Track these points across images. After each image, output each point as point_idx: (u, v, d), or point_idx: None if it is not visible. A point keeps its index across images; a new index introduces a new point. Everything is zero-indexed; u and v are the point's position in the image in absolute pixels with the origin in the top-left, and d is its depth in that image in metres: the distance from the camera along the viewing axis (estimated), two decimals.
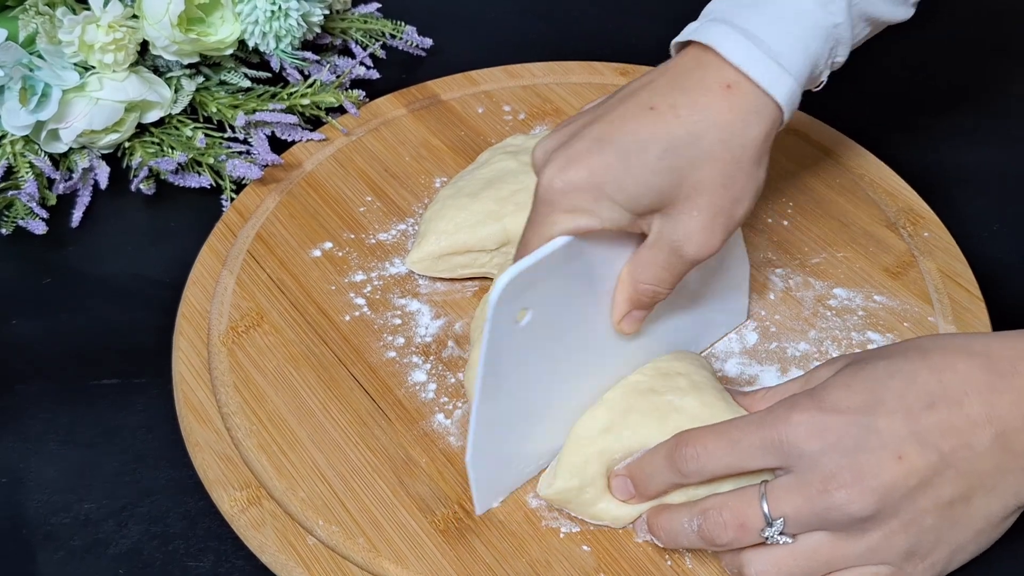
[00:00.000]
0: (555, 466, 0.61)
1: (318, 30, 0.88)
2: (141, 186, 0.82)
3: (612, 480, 0.60)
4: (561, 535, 0.61)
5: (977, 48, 0.97)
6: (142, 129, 0.83)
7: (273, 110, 0.83)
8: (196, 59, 0.83)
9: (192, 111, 0.85)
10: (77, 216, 0.80)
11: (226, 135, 0.84)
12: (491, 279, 0.74)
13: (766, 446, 0.55)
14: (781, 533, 0.55)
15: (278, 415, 0.67)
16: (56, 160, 0.82)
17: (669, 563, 0.60)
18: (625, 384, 0.63)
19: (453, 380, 0.68)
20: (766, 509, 0.55)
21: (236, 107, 0.83)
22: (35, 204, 0.78)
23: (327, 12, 0.88)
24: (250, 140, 0.83)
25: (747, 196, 0.58)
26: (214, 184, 0.81)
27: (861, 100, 0.91)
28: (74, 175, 0.81)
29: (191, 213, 0.81)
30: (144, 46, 0.82)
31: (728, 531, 0.56)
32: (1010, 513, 0.55)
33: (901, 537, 0.54)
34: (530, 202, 0.71)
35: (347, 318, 0.72)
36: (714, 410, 0.60)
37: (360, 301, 0.73)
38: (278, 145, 0.83)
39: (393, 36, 0.93)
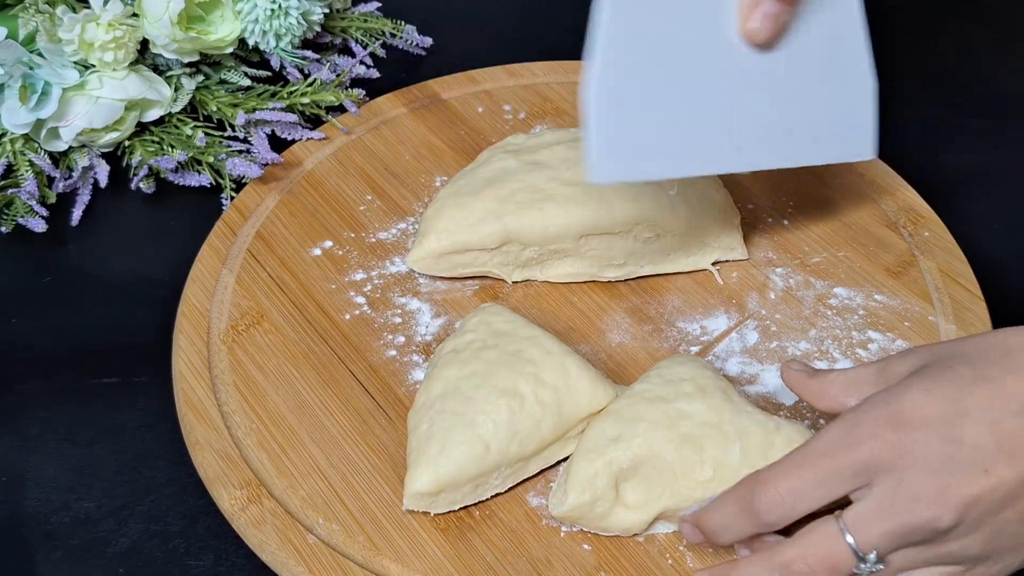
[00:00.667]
0: (564, 482, 0.61)
1: (318, 29, 0.88)
2: (141, 185, 0.82)
3: (680, 525, 0.58)
4: (562, 533, 0.61)
5: (978, 48, 0.97)
6: (142, 128, 0.83)
7: (273, 109, 0.83)
8: (196, 58, 0.83)
9: (192, 110, 0.85)
10: (77, 215, 0.80)
11: (226, 134, 0.83)
12: (491, 278, 0.74)
13: (856, 469, 0.52)
14: (876, 562, 0.52)
15: (278, 413, 0.67)
16: (56, 158, 0.82)
17: (670, 562, 0.60)
18: (632, 393, 0.62)
19: None
20: (852, 542, 0.52)
21: (236, 106, 0.83)
22: (35, 202, 0.78)
23: (327, 11, 0.88)
24: (250, 139, 0.83)
25: None
26: (214, 183, 0.81)
27: None
28: (74, 173, 0.81)
29: (191, 212, 0.81)
30: (144, 44, 0.82)
31: None
32: None
33: (979, 544, 0.52)
34: (530, 201, 0.72)
35: (347, 317, 0.72)
36: (721, 413, 0.60)
37: (360, 300, 0.73)
38: (278, 144, 0.83)
39: (393, 35, 0.93)
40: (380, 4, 0.93)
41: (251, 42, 0.85)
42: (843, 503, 0.53)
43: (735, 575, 0.55)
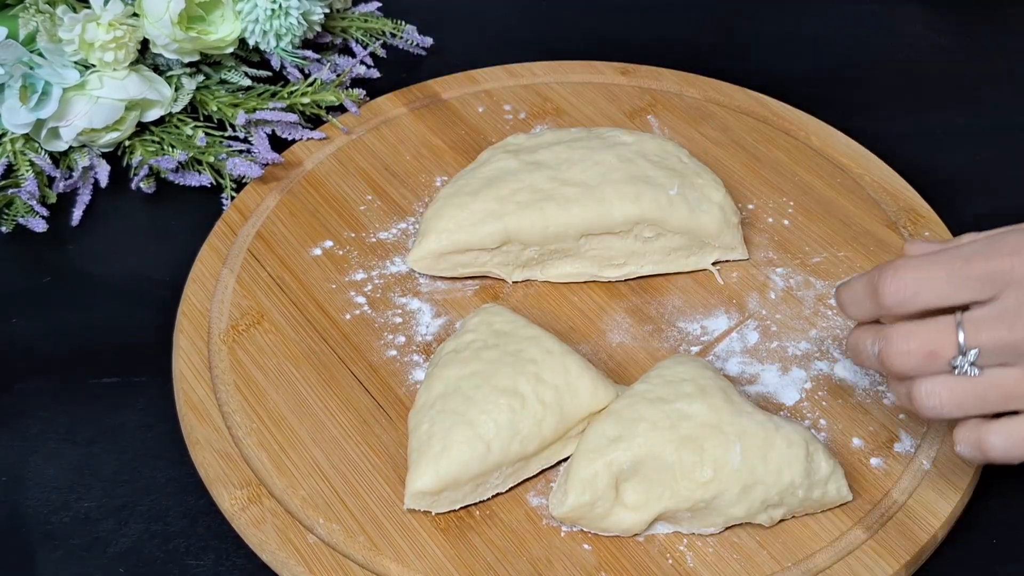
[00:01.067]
0: (564, 483, 0.61)
1: (318, 29, 0.88)
2: (141, 185, 0.82)
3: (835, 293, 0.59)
4: (562, 533, 0.61)
5: (978, 47, 0.97)
6: (142, 128, 0.83)
7: (273, 109, 0.83)
8: (196, 57, 0.83)
9: (192, 110, 0.85)
10: (77, 214, 0.80)
11: (226, 134, 0.83)
12: (491, 278, 0.74)
13: (989, 276, 0.53)
14: (972, 364, 0.53)
15: (278, 413, 0.67)
16: (56, 158, 0.82)
17: (670, 562, 0.60)
18: (632, 394, 0.62)
19: None
20: (961, 339, 0.53)
21: (236, 106, 0.83)
22: (35, 202, 0.78)
23: (327, 11, 0.88)
24: (250, 139, 0.83)
25: None
26: (214, 183, 0.81)
27: (862, 100, 0.91)
28: (74, 173, 0.81)
29: (191, 212, 0.81)
30: (144, 44, 0.82)
31: (912, 358, 0.54)
32: None
33: None
34: (530, 201, 0.72)
35: (348, 317, 0.72)
36: (721, 414, 0.60)
37: (361, 300, 0.73)
38: (278, 144, 0.83)
39: (393, 35, 0.93)
40: (380, 4, 0.93)
41: (251, 42, 0.85)
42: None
43: (854, 333, 0.58)
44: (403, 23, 0.93)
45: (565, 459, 0.63)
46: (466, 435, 0.61)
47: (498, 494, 0.62)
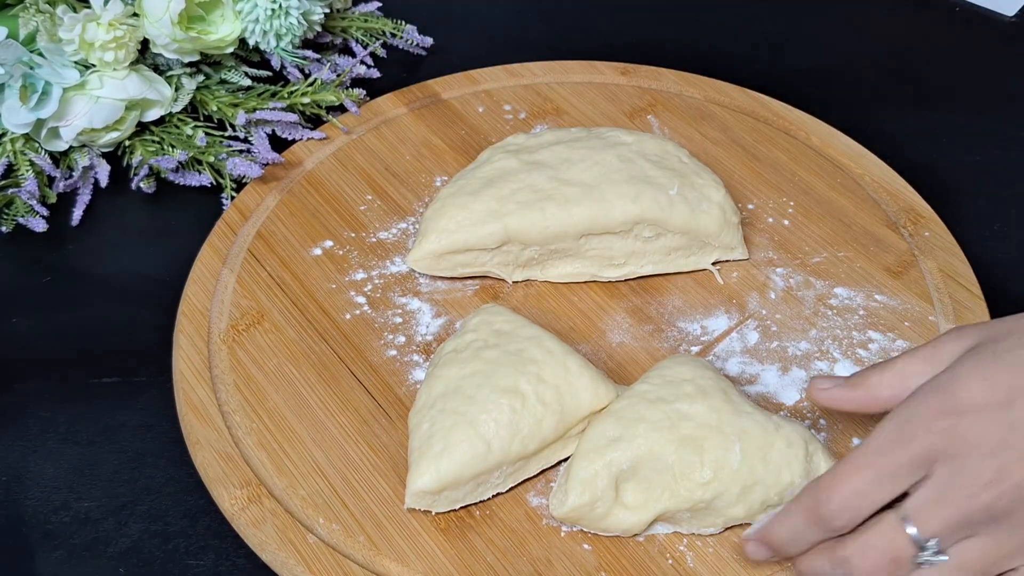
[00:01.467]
0: (564, 483, 0.61)
1: (319, 28, 0.88)
2: (141, 184, 0.82)
3: (745, 545, 0.58)
4: (562, 533, 0.61)
5: (978, 47, 0.97)
6: (142, 127, 0.83)
7: (274, 108, 0.83)
8: (196, 57, 0.83)
9: (192, 110, 0.85)
10: (77, 214, 0.80)
11: (226, 134, 0.83)
12: (491, 278, 0.74)
13: (915, 463, 0.52)
14: (936, 553, 0.52)
15: (278, 413, 0.67)
16: (56, 158, 0.82)
17: (670, 562, 0.60)
18: (632, 394, 0.62)
19: None
20: (914, 533, 0.52)
21: (236, 106, 0.83)
22: (35, 202, 0.78)
23: (328, 11, 0.88)
24: (250, 139, 0.83)
25: None
26: (214, 183, 0.81)
27: (862, 100, 0.91)
28: (74, 173, 0.81)
29: (191, 211, 0.81)
30: (144, 44, 0.82)
31: (881, 572, 0.53)
32: None
33: None
34: (530, 201, 0.72)
35: (348, 316, 0.72)
36: (721, 415, 0.60)
37: (361, 299, 0.73)
38: (278, 143, 0.83)
39: (394, 35, 0.93)
40: (380, 4, 0.93)
41: (251, 42, 0.85)
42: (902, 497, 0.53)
43: (800, 567, 0.55)
44: (403, 23, 0.93)
45: (565, 459, 0.63)
46: (467, 434, 0.61)
47: (498, 494, 0.62)
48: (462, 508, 0.62)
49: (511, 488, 0.63)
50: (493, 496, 0.62)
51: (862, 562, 0.53)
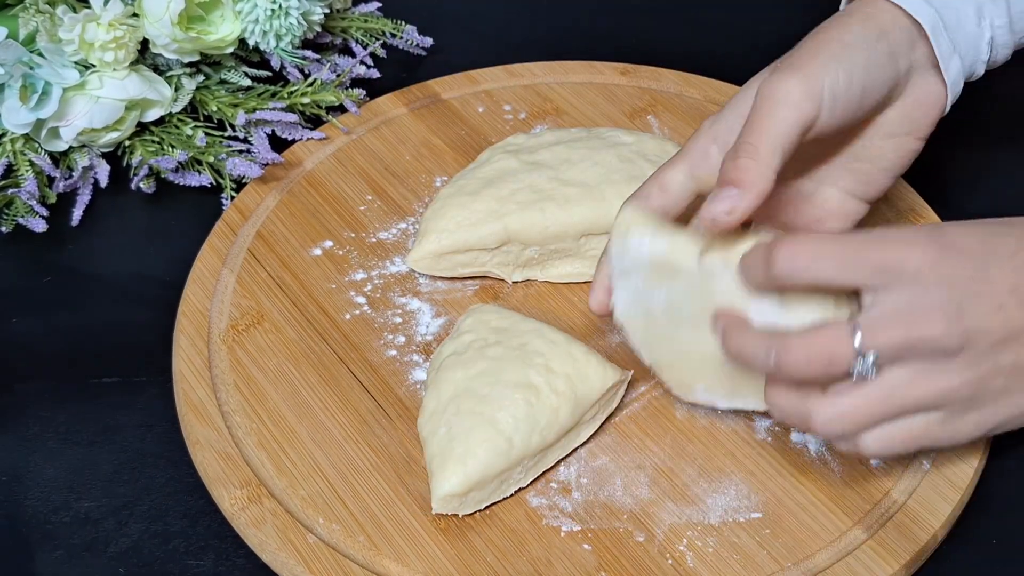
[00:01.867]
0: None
1: (318, 29, 0.88)
2: (141, 185, 0.82)
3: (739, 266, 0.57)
4: (562, 533, 0.61)
5: None
6: (142, 128, 0.83)
7: (273, 109, 0.83)
8: (196, 57, 0.83)
9: (192, 110, 0.85)
10: (77, 214, 0.80)
11: (226, 134, 0.83)
12: (491, 278, 0.74)
13: (880, 264, 0.53)
14: (871, 366, 0.53)
15: (278, 413, 0.67)
16: (56, 158, 0.82)
17: (670, 562, 0.60)
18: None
19: None
20: (858, 343, 0.52)
21: (236, 106, 0.83)
22: (35, 202, 0.78)
23: (327, 11, 0.88)
24: (250, 139, 0.83)
25: None
26: (214, 183, 0.81)
27: None
28: (74, 173, 0.81)
29: (191, 212, 0.81)
30: (144, 44, 0.82)
31: (812, 366, 0.53)
32: None
33: (970, 386, 0.54)
34: (530, 201, 0.72)
35: (348, 316, 0.72)
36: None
37: (361, 300, 0.73)
38: (278, 144, 0.83)
39: (393, 35, 0.93)
40: (380, 4, 0.93)
41: (251, 42, 0.85)
42: None
43: (740, 334, 0.56)
44: (403, 23, 0.93)
45: (574, 450, 0.64)
46: (488, 433, 0.61)
47: (520, 489, 0.63)
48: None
49: (532, 481, 0.63)
50: (515, 492, 0.63)
51: (798, 352, 0.53)
